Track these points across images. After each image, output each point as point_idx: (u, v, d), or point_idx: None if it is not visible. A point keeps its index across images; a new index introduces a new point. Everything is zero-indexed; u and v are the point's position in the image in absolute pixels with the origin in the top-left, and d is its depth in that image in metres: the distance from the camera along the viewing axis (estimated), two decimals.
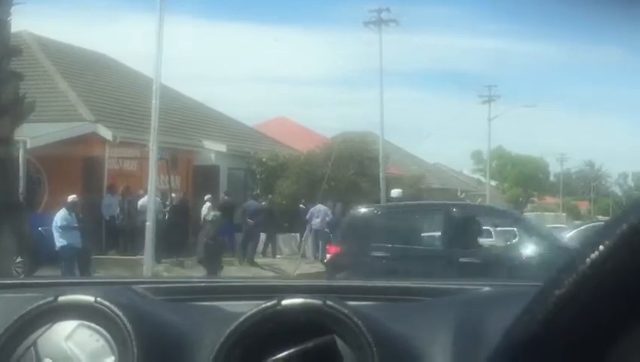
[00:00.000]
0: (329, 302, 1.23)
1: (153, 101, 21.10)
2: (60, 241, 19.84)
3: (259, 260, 25.83)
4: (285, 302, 1.24)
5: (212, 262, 18.31)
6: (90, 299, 1.30)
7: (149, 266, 19.99)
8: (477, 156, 68.47)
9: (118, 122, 27.16)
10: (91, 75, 29.69)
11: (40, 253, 19.25)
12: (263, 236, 27.41)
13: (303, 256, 25.96)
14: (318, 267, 25.38)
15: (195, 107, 33.78)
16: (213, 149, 30.27)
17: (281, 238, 29.82)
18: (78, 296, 1.31)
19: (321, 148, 33.31)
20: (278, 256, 28.09)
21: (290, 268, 23.78)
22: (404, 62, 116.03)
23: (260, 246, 27.38)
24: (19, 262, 18.21)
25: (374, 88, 34.80)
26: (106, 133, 26.09)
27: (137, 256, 21.51)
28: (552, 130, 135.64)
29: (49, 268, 19.15)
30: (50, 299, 1.31)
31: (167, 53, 32.10)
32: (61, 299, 1.31)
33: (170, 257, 23.16)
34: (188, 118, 31.49)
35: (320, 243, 27.68)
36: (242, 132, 34.99)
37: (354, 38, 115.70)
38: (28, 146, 22.21)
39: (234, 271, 22.17)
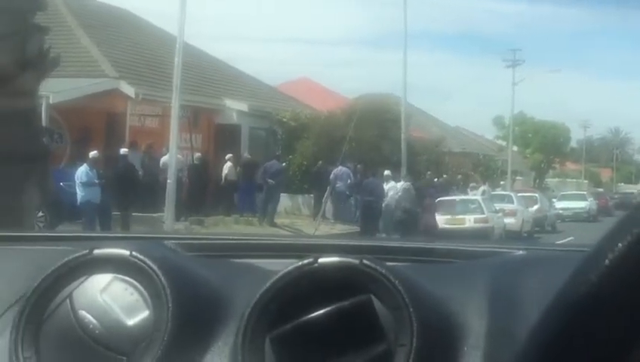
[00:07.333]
0: (366, 262, 1.22)
1: (176, 59, 21.10)
2: (81, 197, 20.00)
3: (278, 220, 25.90)
4: (322, 260, 1.23)
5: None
6: (126, 252, 1.30)
7: (169, 224, 20.08)
8: (498, 121, 68.17)
9: (140, 79, 27.18)
10: (114, 31, 29.66)
11: (61, 208, 19.40)
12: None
13: (323, 216, 25.99)
14: (338, 228, 25.45)
15: (217, 66, 33.73)
16: (235, 108, 30.26)
17: (300, 199, 29.91)
18: (113, 250, 1.31)
19: (343, 109, 33.23)
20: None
21: (310, 229, 23.82)
22: (429, 24, 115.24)
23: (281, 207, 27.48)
24: (40, 216, 18.34)
25: (397, 49, 34.62)
26: (128, 89, 26.12)
27: (157, 214, 21.61)
28: (576, 96, 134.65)
29: (69, 223, 19.30)
30: (86, 251, 1.31)
31: (191, 10, 31.96)
32: (96, 252, 1.31)
33: (189, 215, 23.27)
34: (210, 76, 31.46)
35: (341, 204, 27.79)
36: (264, 92, 34.93)
37: None
38: (50, 101, 22.25)
39: (254, 232, 22.21)
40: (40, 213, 17.75)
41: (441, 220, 26.22)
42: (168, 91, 22.07)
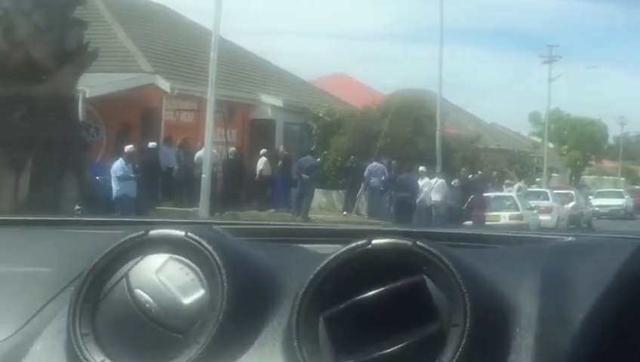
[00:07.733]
0: (419, 243, 1.23)
1: (211, 54, 21.16)
2: (116, 191, 20.14)
3: (312, 216, 25.93)
4: (375, 241, 1.24)
5: None
6: (181, 233, 1.32)
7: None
8: (534, 118, 67.69)
9: (176, 74, 27.30)
10: (150, 25, 29.78)
11: (96, 202, 19.53)
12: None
13: (357, 212, 25.98)
14: (371, 224, 25.43)
15: (252, 61, 33.78)
16: (269, 103, 30.31)
17: (334, 195, 29.91)
18: (168, 231, 1.33)
19: (378, 105, 33.17)
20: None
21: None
22: (465, 19, 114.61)
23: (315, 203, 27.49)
24: (77, 210, 18.48)
25: (432, 45, 34.47)
26: (164, 84, 26.25)
27: (192, 208, 21.71)
28: (613, 92, 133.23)
29: (105, 217, 19.40)
30: (141, 232, 1.33)
31: (227, 4, 31.98)
32: (152, 233, 1.33)
33: (224, 210, 23.35)
34: (245, 71, 31.52)
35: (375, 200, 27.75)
36: (299, 87, 34.95)
37: None
38: (87, 96, 22.40)
39: None
40: (77, 206, 17.87)
41: None
42: (204, 86, 22.15)
